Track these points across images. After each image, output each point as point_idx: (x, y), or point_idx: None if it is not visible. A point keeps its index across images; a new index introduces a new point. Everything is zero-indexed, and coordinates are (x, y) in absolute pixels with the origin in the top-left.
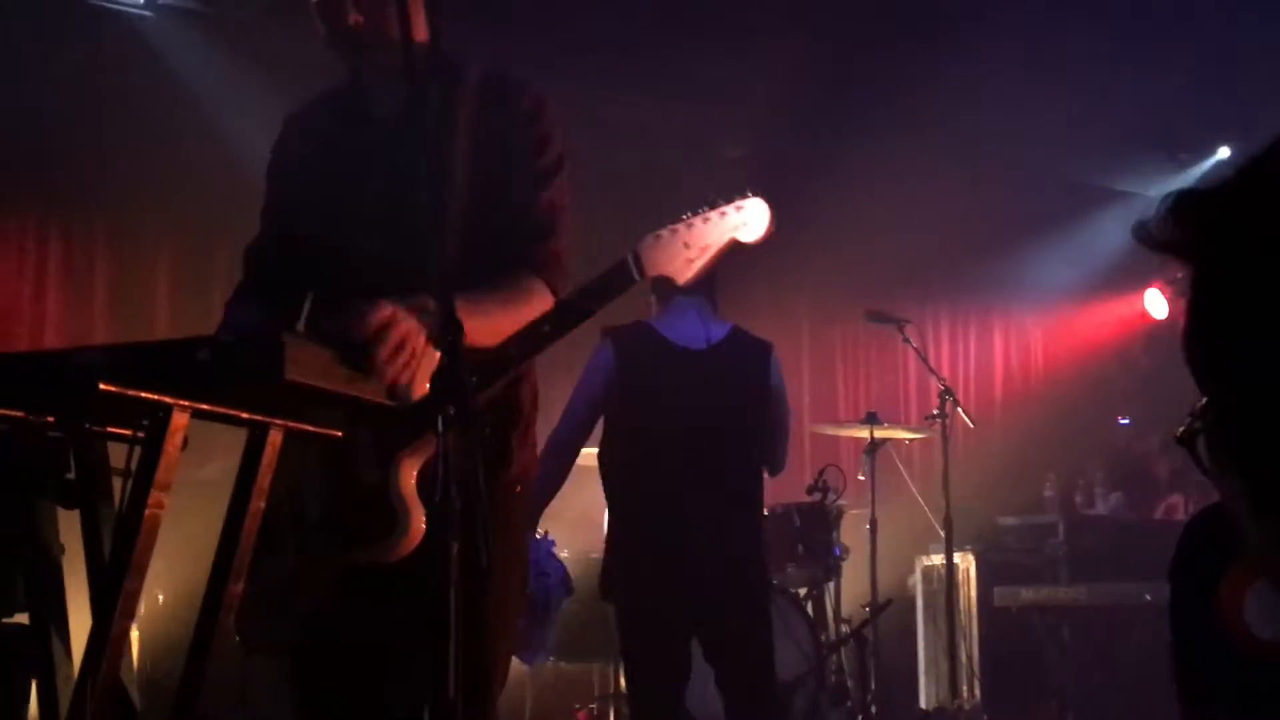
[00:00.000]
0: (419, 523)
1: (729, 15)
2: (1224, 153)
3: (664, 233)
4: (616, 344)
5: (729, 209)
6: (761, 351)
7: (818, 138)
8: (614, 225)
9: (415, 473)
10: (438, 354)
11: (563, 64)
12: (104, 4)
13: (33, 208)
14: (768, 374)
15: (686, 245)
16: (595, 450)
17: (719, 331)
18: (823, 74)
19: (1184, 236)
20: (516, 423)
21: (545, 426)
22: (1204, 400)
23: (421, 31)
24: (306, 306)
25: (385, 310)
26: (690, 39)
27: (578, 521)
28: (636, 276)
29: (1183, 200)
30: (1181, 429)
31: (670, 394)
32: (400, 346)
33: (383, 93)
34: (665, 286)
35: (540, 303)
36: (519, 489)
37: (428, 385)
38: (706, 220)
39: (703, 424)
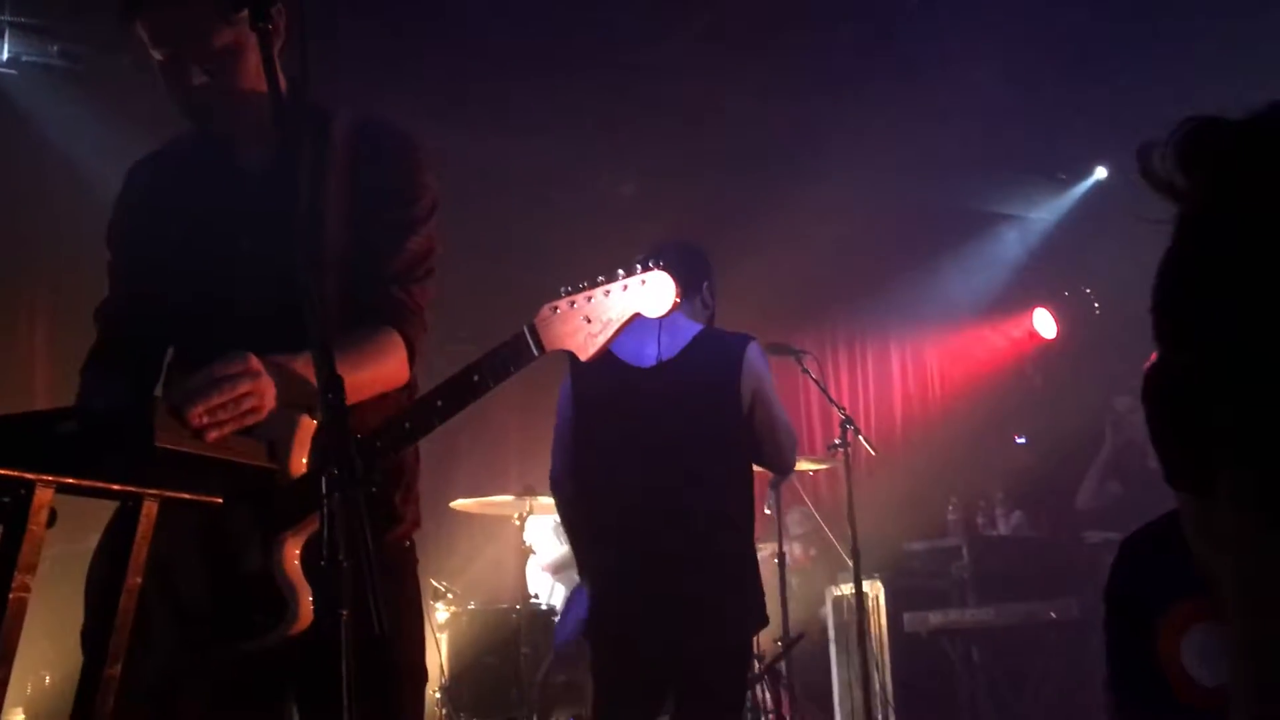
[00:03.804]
0: (307, 604)
1: (624, 55)
2: (1101, 173)
3: (562, 304)
4: (573, 366)
5: (631, 282)
6: (733, 350)
7: (708, 174)
8: (512, 271)
9: (299, 551)
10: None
11: (441, 102)
12: None
13: None
14: (738, 374)
15: (588, 320)
16: (510, 498)
17: (681, 339)
18: (718, 114)
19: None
20: (399, 480)
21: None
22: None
23: (279, 81)
24: (167, 365)
25: (251, 361)
26: (582, 77)
27: (488, 570)
28: (535, 352)
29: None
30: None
31: (619, 416)
32: (238, 400)
33: (245, 145)
34: None
35: (394, 355)
36: (408, 544)
37: (304, 454)
38: (608, 293)
39: (659, 445)
